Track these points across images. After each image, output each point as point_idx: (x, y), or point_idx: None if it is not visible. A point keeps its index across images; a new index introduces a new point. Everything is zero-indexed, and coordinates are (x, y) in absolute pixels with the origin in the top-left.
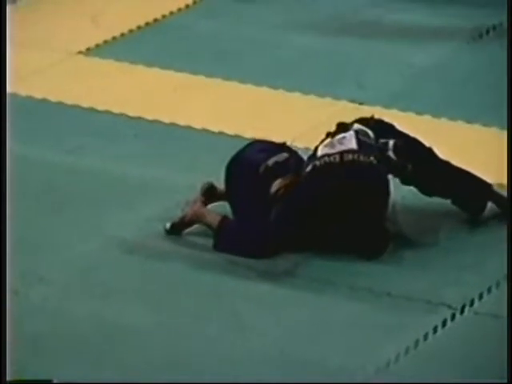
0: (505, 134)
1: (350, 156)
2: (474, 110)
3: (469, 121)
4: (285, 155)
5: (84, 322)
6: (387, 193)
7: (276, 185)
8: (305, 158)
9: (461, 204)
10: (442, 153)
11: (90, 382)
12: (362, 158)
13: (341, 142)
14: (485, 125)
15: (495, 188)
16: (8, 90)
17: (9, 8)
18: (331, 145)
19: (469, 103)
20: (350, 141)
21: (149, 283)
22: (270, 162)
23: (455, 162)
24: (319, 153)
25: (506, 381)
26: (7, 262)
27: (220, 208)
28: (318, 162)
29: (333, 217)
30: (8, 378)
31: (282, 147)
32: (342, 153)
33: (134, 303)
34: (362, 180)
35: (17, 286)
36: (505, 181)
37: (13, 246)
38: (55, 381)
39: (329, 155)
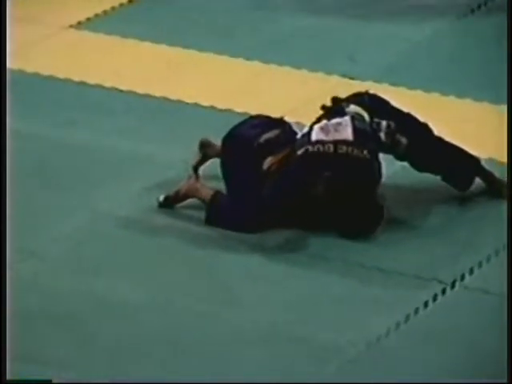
0: (495, 108)
1: (344, 148)
2: (465, 85)
3: (460, 96)
4: (276, 132)
5: (75, 297)
6: (378, 182)
7: (268, 162)
8: (298, 132)
9: (450, 179)
10: (433, 127)
11: (90, 381)
12: (355, 151)
13: (336, 128)
14: (476, 99)
15: (483, 164)
16: None
17: None
18: (326, 130)
19: (460, 78)
20: (345, 129)
21: (140, 258)
22: (262, 139)
23: (446, 136)
24: (313, 136)
25: (506, 381)
26: None
27: (215, 183)
28: (310, 148)
29: (323, 200)
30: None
31: (277, 122)
32: (336, 143)
33: (125, 278)
34: (353, 175)
35: (8, 261)
36: (495, 155)
37: (4, 221)
38: (55, 381)
39: (323, 143)
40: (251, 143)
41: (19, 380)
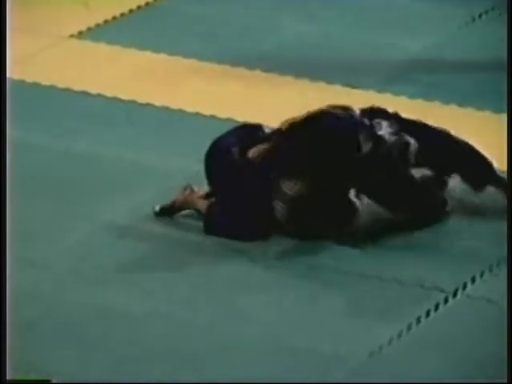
0: (496, 117)
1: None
2: (466, 94)
3: (461, 105)
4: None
5: (76, 308)
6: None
7: (253, 152)
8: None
9: (467, 178)
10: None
11: (90, 381)
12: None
13: None
14: (477, 109)
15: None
16: None
17: None
18: None
19: (461, 87)
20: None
21: (141, 269)
22: (242, 143)
23: None
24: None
25: (506, 381)
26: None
27: None
28: (296, 121)
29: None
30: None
31: (255, 128)
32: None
33: (127, 289)
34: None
35: (9, 271)
36: (497, 164)
37: (4, 231)
38: (54, 380)
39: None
40: (229, 148)
41: (19, 380)
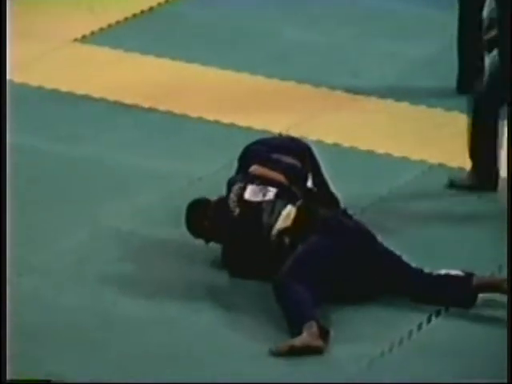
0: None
1: None
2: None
3: (463, 111)
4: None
5: (76, 313)
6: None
7: (254, 170)
8: None
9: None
10: (439, 140)
11: (89, 381)
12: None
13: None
14: None
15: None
16: None
17: None
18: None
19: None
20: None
21: (142, 273)
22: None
23: (453, 153)
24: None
25: (506, 381)
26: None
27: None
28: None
29: None
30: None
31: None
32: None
33: (128, 293)
34: None
35: (9, 275)
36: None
37: (4, 235)
38: (53, 380)
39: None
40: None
41: (19, 380)
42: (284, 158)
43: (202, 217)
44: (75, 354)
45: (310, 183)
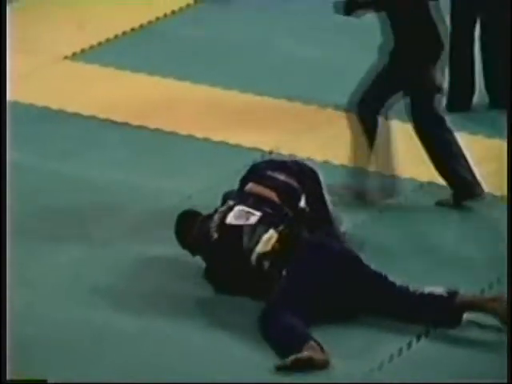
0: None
1: None
2: (457, 118)
3: (454, 129)
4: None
5: (68, 326)
6: None
7: (249, 188)
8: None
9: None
10: (427, 160)
11: (85, 381)
12: None
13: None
14: (471, 133)
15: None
16: None
17: None
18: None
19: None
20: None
21: (135, 288)
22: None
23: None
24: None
25: (506, 381)
26: None
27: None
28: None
29: None
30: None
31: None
32: None
33: (121, 308)
34: None
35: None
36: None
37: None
38: (50, 381)
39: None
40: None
41: (19, 380)
42: (279, 176)
43: (189, 229)
44: (68, 366)
45: (302, 203)
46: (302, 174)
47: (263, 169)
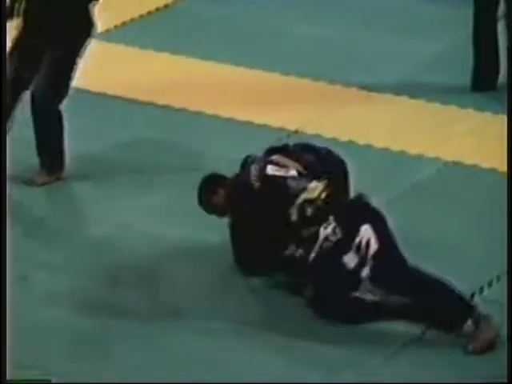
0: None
1: None
2: (482, 97)
3: (478, 108)
4: None
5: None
6: None
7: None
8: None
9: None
10: (453, 138)
11: (89, 381)
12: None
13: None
14: (494, 112)
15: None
16: None
17: None
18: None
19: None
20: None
21: (158, 270)
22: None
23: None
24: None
25: (506, 381)
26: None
27: None
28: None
29: None
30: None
31: None
32: None
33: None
34: None
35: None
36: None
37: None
38: (53, 381)
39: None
40: None
41: (19, 380)
42: (307, 156)
43: (215, 192)
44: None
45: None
46: (329, 158)
47: (292, 147)
